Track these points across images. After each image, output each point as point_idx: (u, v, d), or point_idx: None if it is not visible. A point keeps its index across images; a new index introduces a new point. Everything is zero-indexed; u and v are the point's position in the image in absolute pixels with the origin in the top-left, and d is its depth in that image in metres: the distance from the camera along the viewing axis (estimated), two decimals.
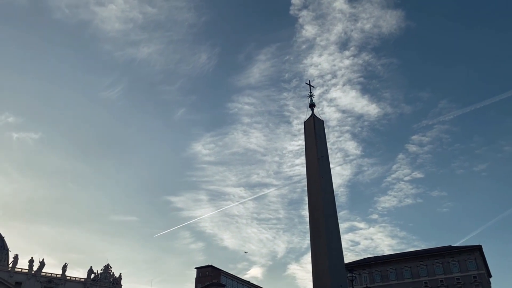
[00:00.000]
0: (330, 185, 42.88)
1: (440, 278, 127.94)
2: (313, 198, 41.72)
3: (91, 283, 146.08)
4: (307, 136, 45.77)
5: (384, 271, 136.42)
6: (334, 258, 38.06)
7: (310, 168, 43.65)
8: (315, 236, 39.86)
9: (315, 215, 40.78)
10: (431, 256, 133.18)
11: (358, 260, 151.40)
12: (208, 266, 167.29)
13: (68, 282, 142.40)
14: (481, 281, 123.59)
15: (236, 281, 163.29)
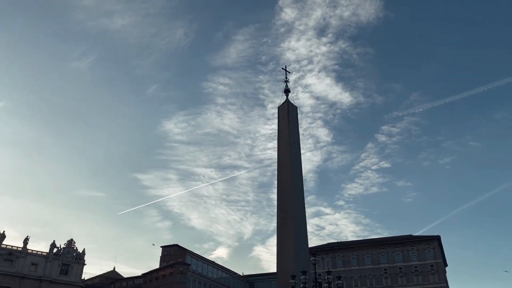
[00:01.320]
0: (299, 170, 43.55)
1: (399, 266, 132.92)
2: (283, 182, 42.30)
3: (53, 257, 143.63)
4: (280, 121, 46.11)
5: (346, 257, 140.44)
6: (299, 242, 38.93)
7: (282, 153, 44.10)
8: (282, 219, 40.56)
9: (283, 199, 41.43)
10: (392, 244, 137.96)
11: (322, 244, 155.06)
12: (174, 245, 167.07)
13: (29, 255, 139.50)
14: (437, 270, 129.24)
15: (201, 261, 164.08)
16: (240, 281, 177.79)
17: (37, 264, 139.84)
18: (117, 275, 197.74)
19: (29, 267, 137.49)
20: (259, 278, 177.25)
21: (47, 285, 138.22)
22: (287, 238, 39.04)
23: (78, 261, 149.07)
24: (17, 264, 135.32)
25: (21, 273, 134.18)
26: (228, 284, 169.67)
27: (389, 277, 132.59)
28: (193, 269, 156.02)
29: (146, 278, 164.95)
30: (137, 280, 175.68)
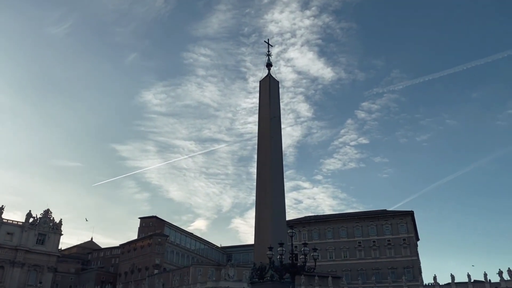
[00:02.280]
0: (279, 145, 43.83)
1: (373, 239, 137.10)
2: (262, 157, 42.58)
3: (29, 227, 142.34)
4: (262, 96, 46.01)
5: (322, 230, 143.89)
6: (277, 215, 39.59)
7: (262, 127, 44.19)
8: (261, 192, 41.03)
9: (262, 173, 41.81)
10: (367, 218, 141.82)
11: (299, 218, 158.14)
12: (152, 217, 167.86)
13: (4, 225, 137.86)
14: (409, 243, 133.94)
15: (180, 233, 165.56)
16: (218, 252, 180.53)
17: (13, 233, 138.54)
18: (94, 245, 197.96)
19: (4, 236, 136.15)
20: (236, 249, 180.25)
21: (23, 255, 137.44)
22: (265, 211, 39.62)
23: (54, 231, 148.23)
24: None
25: None
26: (206, 255, 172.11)
27: (363, 250, 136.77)
28: (172, 240, 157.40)
29: (124, 248, 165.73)
30: (115, 251, 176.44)
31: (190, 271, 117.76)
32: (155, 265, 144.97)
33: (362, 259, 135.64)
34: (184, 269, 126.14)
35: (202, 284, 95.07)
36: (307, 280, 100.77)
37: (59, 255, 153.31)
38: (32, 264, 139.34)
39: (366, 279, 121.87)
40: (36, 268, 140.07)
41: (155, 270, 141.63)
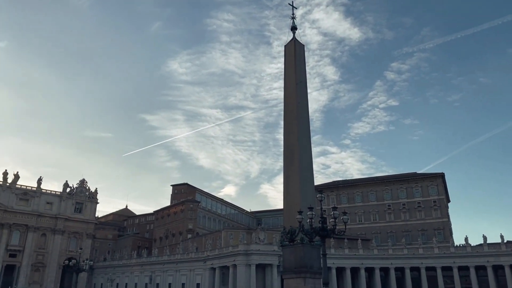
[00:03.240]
0: (306, 111, 43.52)
1: (402, 202, 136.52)
2: (289, 122, 42.48)
3: (67, 196, 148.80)
4: (287, 61, 45.39)
5: (351, 194, 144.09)
6: (305, 180, 39.81)
7: (288, 93, 43.86)
8: (288, 158, 41.22)
9: (289, 139, 41.83)
10: (397, 182, 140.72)
11: (327, 182, 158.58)
12: (184, 184, 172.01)
13: (44, 195, 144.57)
14: (440, 206, 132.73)
15: (210, 199, 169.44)
16: (248, 217, 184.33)
17: (52, 203, 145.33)
18: (129, 212, 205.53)
19: (44, 205, 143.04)
20: (266, 214, 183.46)
21: (63, 223, 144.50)
22: (293, 176, 39.91)
23: (91, 199, 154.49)
24: (32, 203, 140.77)
25: (37, 212, 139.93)
26: (236, 220, 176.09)
27: (392, 213, 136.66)
28: (203, 206, 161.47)
29: (157, 215, 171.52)
30: (149, 217, 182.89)
31: (222, 235, 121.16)
32: (188, 230, 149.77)
33: (391, 222, 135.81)
34: (216, 233, 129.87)
35: (234, 247, 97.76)
36: (337, 243, 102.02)
37: (96, 222, 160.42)
38: (72, 231, 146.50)
39: (396, 241, 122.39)
40: (75, 235, 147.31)
41: (188, 235, 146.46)
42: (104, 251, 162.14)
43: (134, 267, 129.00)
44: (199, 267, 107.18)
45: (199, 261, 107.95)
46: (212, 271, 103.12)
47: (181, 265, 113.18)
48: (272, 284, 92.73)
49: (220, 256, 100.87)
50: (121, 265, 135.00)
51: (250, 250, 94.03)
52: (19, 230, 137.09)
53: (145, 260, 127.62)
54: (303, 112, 42.43)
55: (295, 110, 41.78)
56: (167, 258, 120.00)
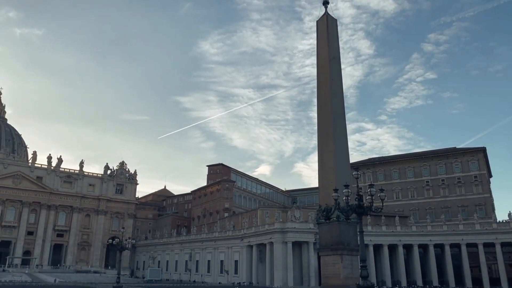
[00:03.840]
0: (340, 87, 42.79)
1: (441, 178, 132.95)
2: (322, 100, 41.93)
3: (108, 178, 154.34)
4: (319, 37, 44.51)
5: (387, 171, 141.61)
6: (340, 158, 39.43)
7: (321, 69, 43.15)
8: (322, 136, 40.85)
9: (323, 117, 41.36)
10: (435, 157, 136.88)
11: (363, 160, 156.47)
12: (219, 164, 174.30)
13: (86, 177, 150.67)
14: (481, 181, 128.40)
15: (245, 178, 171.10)
16: (283, 196, 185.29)
17: (94, 185, 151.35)
18: (168, 193, 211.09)
19: (87, 187, 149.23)
20: (301, 192, 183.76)
21: (105, 203, 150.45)
22: (328, 155, 39.60)
23: (131, 181, 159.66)
24: (75, 185, 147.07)
25: (80, 193, 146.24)
26: (272, 198, 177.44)
27: (431, 189, 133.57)
28: (238, 185, 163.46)
29: (195, 194, 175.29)
30: (187, 197, 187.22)
31: (258, 214, 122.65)
32: (225, 208, 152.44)
33: (430, 198, 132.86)
34: (252, 212, 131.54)
35: (270, 226, 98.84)
36: (374, 220, 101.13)
37: (137, 202, 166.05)
38: (114, 211, 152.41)
39: (434, 218, 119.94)
40: (117, 215, 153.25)
41: (225, 214, 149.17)
42: (145, 230, 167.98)
43: (174, 245, 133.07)
44: (237, 245, 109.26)
45: (236, 239, 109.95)
46: (249, 248, 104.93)
47: (219, 243, 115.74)
48: (309, 261, 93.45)
49: (257, 234, 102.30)
50: (162, 243, 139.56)
51: (286, 228, 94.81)
52: (65, 211, 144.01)
53: (185, 238, 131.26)
54: (337, 88, 41.73)
55: (329, 87, 41.13)
56: (205, 236, 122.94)
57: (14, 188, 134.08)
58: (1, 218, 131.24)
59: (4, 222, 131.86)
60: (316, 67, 43.72)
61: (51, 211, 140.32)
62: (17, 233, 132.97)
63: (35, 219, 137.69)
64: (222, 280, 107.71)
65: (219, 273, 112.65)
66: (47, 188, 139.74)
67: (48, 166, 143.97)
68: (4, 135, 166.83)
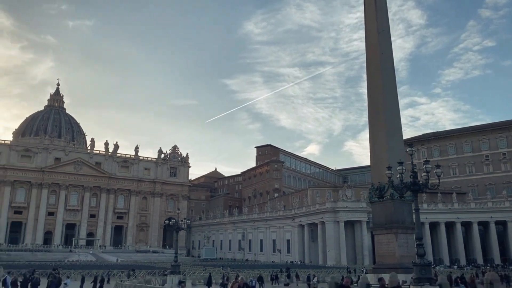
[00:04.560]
0: (390, 61, 41.17)
1: (502, 152, 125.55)
2: (372, 75, 40.63)
3: (162, 162, 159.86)
4: (367, 9, 42.86)
5: (443, 146, 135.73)
6: (393, 134, 38.22)
7: (369, 43, 41.69)
8: (373, 113, 39.70)
9: (373, 92, 40.12)
10: (495, 130, 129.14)
11: (417, 136, 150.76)
12: (267, 145, 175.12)
13: (142, 162, 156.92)
14: None
15: (294, 158, 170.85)
16: (334, 175, 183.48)
17: (149, 169, 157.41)
18: (219, 174, 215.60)
19: (142, 171, 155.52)
20: (352, 171, 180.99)
21: (160, 186, 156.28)
22: (379, 131, 38.50)
23: (183, 164, 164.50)
24: (132, 169, 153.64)
25: (137, 177, 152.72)
26: (322, 178, 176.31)
27: (490, 164, 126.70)
28: (287, 165, 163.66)
29: (245, 176, 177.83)
30: (237, 178, 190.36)
31: (308, 193, 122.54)
32: (275, 189, 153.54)
33: (490, 174, 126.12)
34: (302, 192, 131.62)
35: (321, 205, 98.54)
36: (429, 197, 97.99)
37: (190, 184, 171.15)
38: (169, 194, 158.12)
39: (495, 194, 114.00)
40: (172, 197, 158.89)
41: (275, 194, 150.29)
42: (199, 210, 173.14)
43: (227, 225, 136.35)
44: (288, 224, 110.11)
45: (287, 218, 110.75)
46: (300, 228, 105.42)
47: (270, 223, 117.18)
48: (362, 240, 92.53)
49: (308, 214, 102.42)
50: (215, 223, 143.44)
51: (337, 207, 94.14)
52: (123, 195, 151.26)
53: (237, 218, 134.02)
54: (387, 62, 40.18)
55: (378, 61, 39.67)
56: (256, 216, 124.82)
57: (76, 174, 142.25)
58: (65, 203, 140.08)
59: (69, 206, 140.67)
60: (364, 41, 42.27)
61: (111, 194, 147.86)
62: (81, 216, 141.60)
63: (96, 202, 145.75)
64: (275, 259, 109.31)
65: (272, 252, 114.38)
66: (105, 173, 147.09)
67: (105, 152, 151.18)
68: (64, 124, 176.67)
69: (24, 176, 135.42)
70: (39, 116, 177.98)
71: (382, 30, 40.46)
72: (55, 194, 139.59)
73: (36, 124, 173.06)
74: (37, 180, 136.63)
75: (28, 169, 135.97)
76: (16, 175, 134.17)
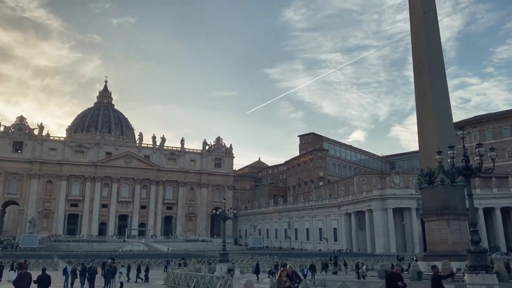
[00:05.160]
0: (437, 40, 39.57)
1: None
2: (418, 56, 39.23)
3: (206, 153, 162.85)
4: None
5: (497, 128, 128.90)
6: (442, 117, 36.89)
7: (415, 23, 40.24)
8: (421, 96, 38.44)
9: (420, 74, 38.80)
10: None
11: (468, 118, 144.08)
12: (310, 134, 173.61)
13: (187, 154, 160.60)
14: None
15: (339, 146, 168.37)
16: (380, 162, 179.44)
17: (195, 160, 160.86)
18: (262, 164, 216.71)
19: (189, 163, 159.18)
20: (399, 157, 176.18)
21: (206, 177, 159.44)
22: (427, 115, 37.27)
23: (227, 155, 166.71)
24: (179, 161, 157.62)
25: (183, 169, 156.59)
26: (368, 165, 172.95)
27: None
28: (332, 153, 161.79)
29: (288, 165, 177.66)
30: (281, 167, 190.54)
31: (354, 181, 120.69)
32: (319, 177, 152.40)
33: None
34: (348, 180, 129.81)
35: (368, 193, 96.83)
36: (483, 182, 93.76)
37: (234, 175, 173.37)
38: (215, 184, 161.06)
39: None
40: (218, 188, 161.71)
41: (320, 182, 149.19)
42: (244, 200, 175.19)
43: (273, 214, 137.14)
44: (334, 213, 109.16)
45: (333, 207, 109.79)
46: (347, 216, 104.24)
47: (316, 211, 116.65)
48: (412, 227, 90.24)
49: (354, 202, 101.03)
50: (261, 212, 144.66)
51: (385, 194, 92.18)
52: (171, 186, 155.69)
53: (282, 207, 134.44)
54: (434, 42, 38.62)
55: (425, 41, 38.23)
56: (302, 205, 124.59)
57: (126, 167, 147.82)
58: (117, 195, 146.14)
59: (121, 198, 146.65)
60: (409, 22, 40.80)
61: (159, 186, 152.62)
62: (132, 207, 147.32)
63: (146, 194, 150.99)
64: (322, 247, 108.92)
65: (319, 241, 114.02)
66: (154, 166, 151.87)
67: (153, 145, 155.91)
68: (113, 120, 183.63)
69: (78, 171, 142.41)
70: (89, 113, 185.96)
71: (428, 9, 38.93)
72: (107, 187, 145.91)
73: (87, 120, 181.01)
74: (91, 174, 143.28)
75: (81, 164, 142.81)
76: (71, 170, 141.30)
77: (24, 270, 27.55)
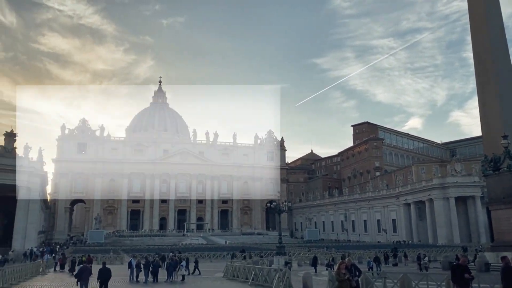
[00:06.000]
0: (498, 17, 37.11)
1: None
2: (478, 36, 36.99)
3: (258, 147, 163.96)
4: None
5: None
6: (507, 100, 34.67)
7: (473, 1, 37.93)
8: (482, 78, 36.30)
9: (481, 56, 36.60)
10: None
11: None
12: (364, 123, 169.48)
13: (239, 148, 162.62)
14: None
15: (394, 134, 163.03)
16: (439, 149, 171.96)
17: (247, 154, 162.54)
18: (315, 156, 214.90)
19: (241, 157, 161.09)
20: (460, 144, 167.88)
21: (260, 170, 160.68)
22: (491, 97, 35.14)
23: (279, 148, 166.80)
24: (232, 156, 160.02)
25: (237, 163, 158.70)
26: (426, 153, 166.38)
27: None
28: (387, 142, 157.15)
29: (343, 156, 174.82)
30: (335, 159, 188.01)
31: (412, 170, 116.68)
32: (376, 167, 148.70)
33: None
34: (405, 169, 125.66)
35: (427, 182, 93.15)
36: None
37: (287, 168, 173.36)
38: (268, 177, 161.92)
39: None
40: (271, 181, 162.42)
41: (376, 173, 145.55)
42: (298, 193, 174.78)
43: (328, 206, 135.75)
44: (392, 204, 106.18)
45: (391, 197, 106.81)
46: (406, 206, 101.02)
47: (373, 202, 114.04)
48: (476, 216, 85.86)
49: (413, 192, 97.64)
50: (315, 205, 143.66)
51: (446, 183, 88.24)
52: (226, 180, 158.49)
53: (338, 199, 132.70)
54: (494, 19, 36.23)
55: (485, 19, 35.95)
56: (358, 196, 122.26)
57: (182, 163, 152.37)
58: (176, 190, 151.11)
59: (179, 193, 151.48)
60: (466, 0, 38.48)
61: (214, 181, 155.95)
62: (190, 202, 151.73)
63: (202, 189, 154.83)
64: (381, 239, 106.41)
65: (377, 232, 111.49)
66: (208, 161, 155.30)
67: (207, 141, 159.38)
68: (168, 119, 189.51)
69: (138, 168, 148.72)
70: (146, 113, 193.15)
71: None
72: (166, 183, 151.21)
73: (144, 120, 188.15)
74: (150, 171, 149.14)
75: (141, 162, 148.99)
76: (131, 168, 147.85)
77: (85, 264, 29.30)
